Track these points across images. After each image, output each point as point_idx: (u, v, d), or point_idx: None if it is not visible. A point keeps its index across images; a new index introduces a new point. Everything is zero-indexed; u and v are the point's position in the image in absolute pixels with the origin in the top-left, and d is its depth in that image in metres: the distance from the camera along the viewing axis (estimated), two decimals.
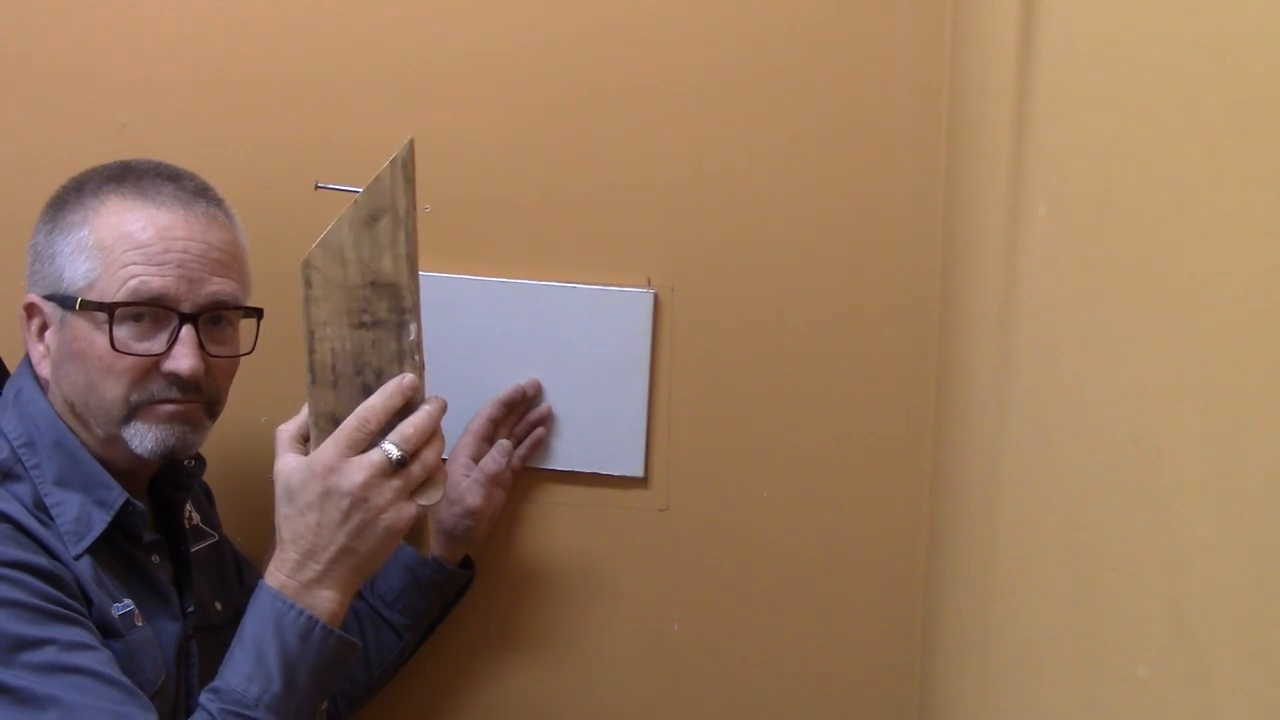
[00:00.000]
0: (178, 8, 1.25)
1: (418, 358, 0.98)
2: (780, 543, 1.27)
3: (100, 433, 1.01)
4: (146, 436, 1.00)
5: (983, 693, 0.92)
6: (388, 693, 1.26)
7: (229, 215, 1.07)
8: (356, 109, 1.24)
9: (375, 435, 0.96)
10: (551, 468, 1.27)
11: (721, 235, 1.23)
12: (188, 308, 1.01)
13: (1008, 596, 0.84)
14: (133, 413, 1.00)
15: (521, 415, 1.26)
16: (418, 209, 0.97)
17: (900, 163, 1.21)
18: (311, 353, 0.98)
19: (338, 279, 0.97)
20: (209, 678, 0.97)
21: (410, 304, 0.97)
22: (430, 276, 0.98)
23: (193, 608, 1.07)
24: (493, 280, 1.24)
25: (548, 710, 1.31)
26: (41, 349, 1.02)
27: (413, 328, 0.97)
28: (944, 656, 1.12)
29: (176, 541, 1.09)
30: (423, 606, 1.21)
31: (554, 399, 1.26)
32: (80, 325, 0.99)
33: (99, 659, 0.89)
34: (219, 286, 1.02)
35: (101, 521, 0.98)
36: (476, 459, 1.22)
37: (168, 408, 1.01)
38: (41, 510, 0.97)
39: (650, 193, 1.23)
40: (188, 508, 1.12)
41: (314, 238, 0.97)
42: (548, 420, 1.26)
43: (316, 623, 0.95)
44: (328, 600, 0.96)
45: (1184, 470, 0.51)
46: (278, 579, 0.96)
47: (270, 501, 0.98)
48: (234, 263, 1.05)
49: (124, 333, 0.99)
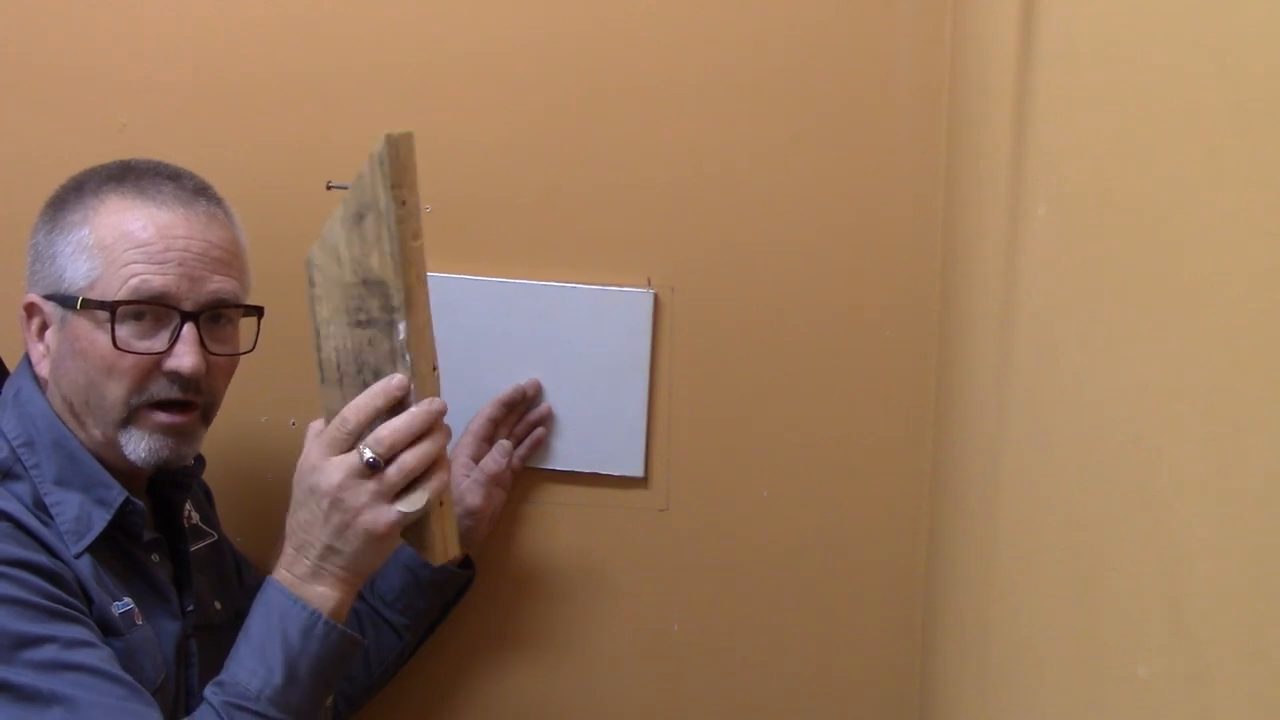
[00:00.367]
0: (178, 8, 1.25)
1: (409, 358, 0.95)
2: (780, 543, 1.27)
3: (99, 433, 1.01)
4: (140, 445, 1.00)
5: (983, 693, 0.92)
6: (388, 693, 1.26)
7: (229, 214, 1.07)
8: (356, 109, 1.24)
9: (355, 436, 0.95)
10: (551, 468, 1.27)
11: (721, 235, 1.23)
12: (189, 306, 1.01)
13: (1008, 596, 0.84)
14: (131, 416, 1.00)
15: (521, 415, 1.26)
16: (409, 206, 0.94)
17: (900, 163, 1.21)
18: (319, 350, 0.98)
19: (335, 277, 0.96)
20: (208, 677, 0.97)
21: (398, 302, 0.94)
22: (430, 276, 0.97)
23: (192, 607, 1.07)
24: (493, 280, 1.24)
25: (548, 710, 1.31)
26: (41, 349, 1.02)
27: (402, 327, 0.95)
28: (944, 656, 1.12)
29: (176, 541, 1.09)
30: (423, 606, 1.21)
31: (554, 399, 1.26)
32: (81, 324, 0.99)
33: (100, 656, 0.89)
34: (220, 285, 1.02)
35: (101, 520, 0.98)
36: (477, 459, 1.22)
37: (164, 417, 1.01)
38: (41, 509, 0.97)
39: (650, 193, 1.23)
40: (187, 507, 1.12)
41: (314, 237, 0.98)
42: (548, 420, 1.26)
43: (319, 617, 0.95)
44: (324, 596, 0.96)
45: (1184, 470, 0.51)
46: (280, 573, 0.98)
47: (269, 501, 0.98)
48: (234, 261, 1.05)
49: (125, 332, 0.99)
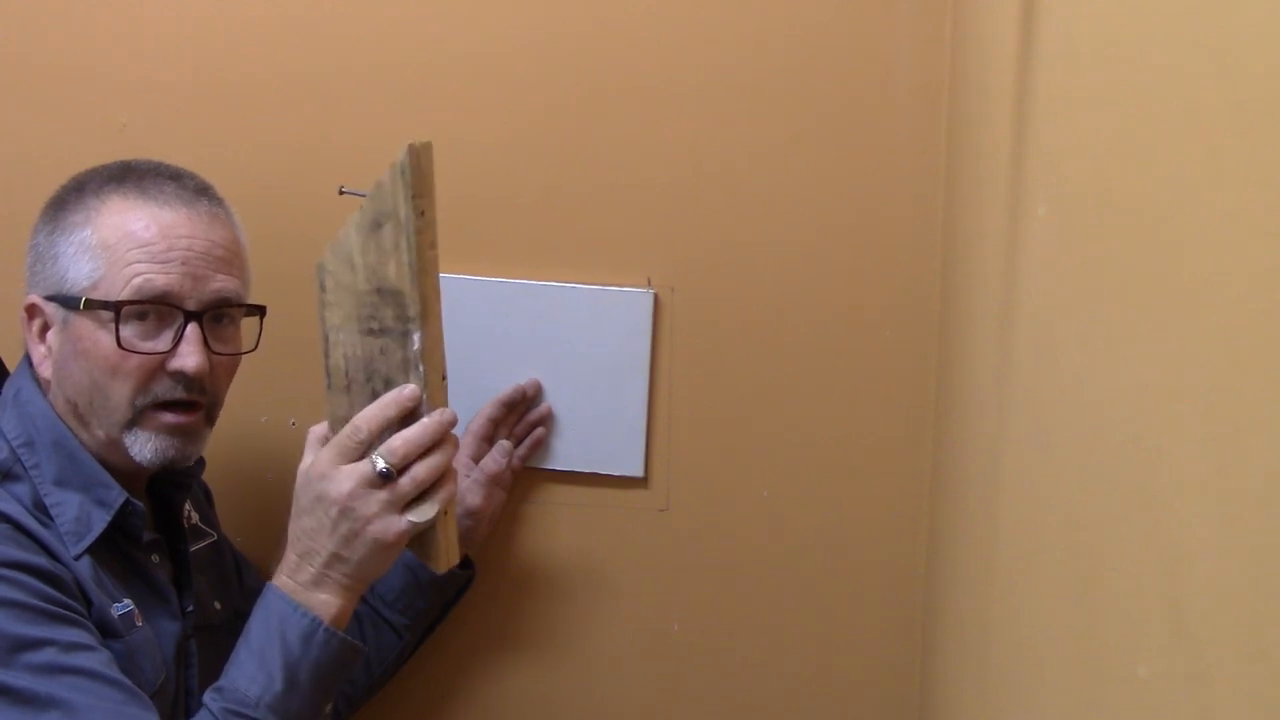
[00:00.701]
0: (178, 8, 1.25)
1: (422, 368, 0.96)
2: (780, 543, 1.27)
3: (102, 435, 1.01)
4: (146, 446, 1.00)
5: (983, 693, 0.92)
6: (388, 693, 1.26)
7: (229, 214, 1.07)
8: (356, 109, 1.24)
9: (366, 445, 0.95)
10: (551, 468, 1.27)
11: (721, 235, 1.23)
12: (192, 305, 1.01)
13: (1008, 596, 0.84)
14: (137, 417, 1.00)
15: (521, 415, 1.26)
16: (427, 216, 0.95)
17: (900, 163, 1.21)
18: (327, 356, 0.97)
19: (348, 284, 0.95)
20: (208, 677, 0.97)
21: (414, 313, 0.95)
22: None
23: (192, 607, 1.07)
24: (493, 280, 1.24)
25: (548, 710, 1.31)
26: (43, 350, 1.02)
27: (416, 337, 0.96)
28: (944, 656, 1.12)
29: (176, 541, 1.09)
30: (423, 606, 1.21)
31: (554, 399, 1.26)
32: (84, 325, 0.99)
33: (99, 659, 0.89)
34: (223, 284, 1.02)
35: (101, 521, 0.98)
36: (477, 459, 1.22)
37: (169, 418, 1.01)
38: (41, 510, 0.97)
39: (650, 193, 1.23)
40: (187, 507, 1.12)
41: (314, 238, 0.98)
42: (548, 420, 1.26)
43: (320, 624, 0.95)
44: (326, 604, 0.96)
45: (1184, 470, 0.51)
46: (282, 579, 0.97)
47: (269, 501, 0.98)
48: (236, 260, 1.05)
49: (128, 332, 0.99)
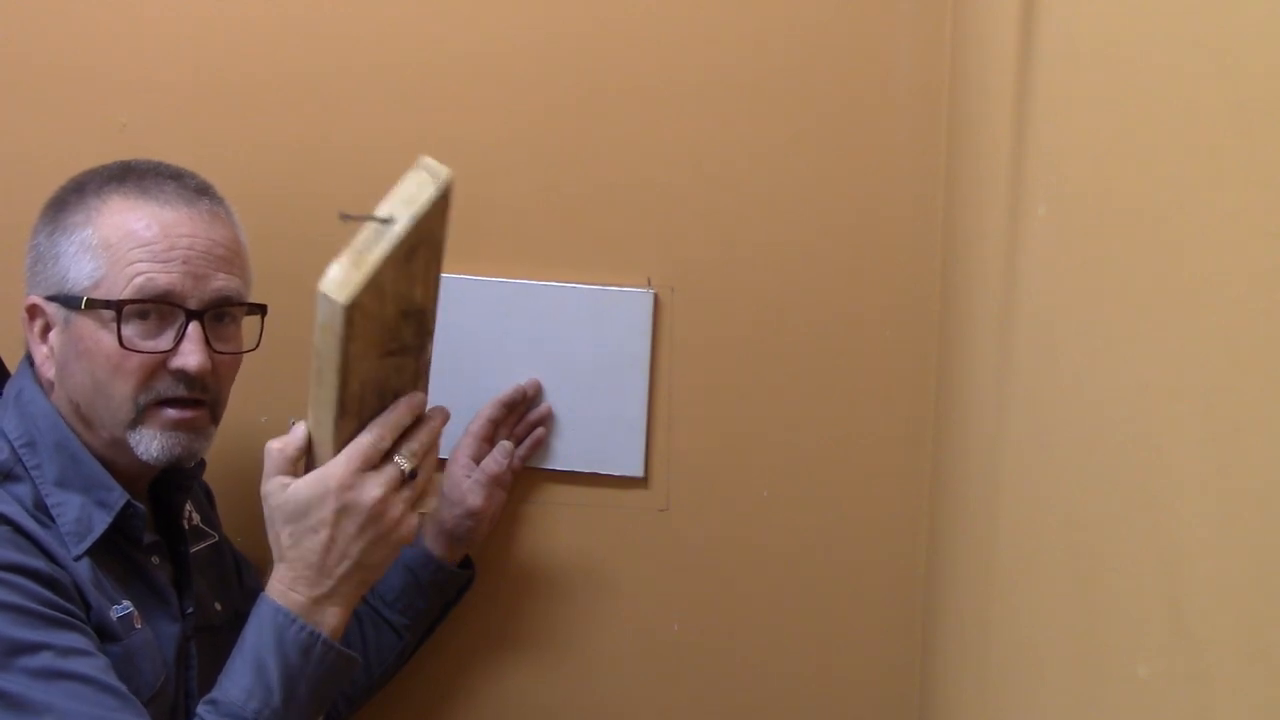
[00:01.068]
0: (178, 8, 1.25)
1: (428, 374, 0.98)
2: (780, 543, 1.26)
3: (106, 435, 1.01)
4: (152, 443, 1.00)
5: (983, 693, 0.92)
6: (388, 692, 1.26)
7: (230, 213, 1.07)
8: (356, 109, 1.24)
9: (384, 451, 0.96)
10: (551, 468, 1.27)
11: (721, 235, 1.23)
12: (194, 304, 1.01)
13: (1008, 596, 0.84)
14: (140, 415, 1.00)
15: (521, 415, 1.26)
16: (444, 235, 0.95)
17: (900, 163, 1.21)
18: (343, 387, 0.92)
19: (377, 314, 0.91)
20: (208, 679, 0.97)
21: (431, 326, 0.96)
22: None
23: (192, 609, 1.07)
24: (493, 280, 1.24)
25: (548, 710, 1.31)
26: (45, 350, 1.02)
27: (429, 347, 0.97)
28: (944, 656, 1.12)
29: (176, 542, 1.09)
30: (423, 606, 1.21)
31: (554, 399, 1.26)
32: (86, 325, 0.99)
33: (95, 665, 0.89)
34: (224, 283, 1.02)
35: (102, 522, 0.98)
36: (477, 459, 1.22)
37: (173, 414, 1.01)
38: (42, 511, 0.97)
39: (650, 193, 1.23)
40: (188, 508, 1.12)
41: (314, 238, 0.96)
42: (548, 420, 1.26)
43: (319, 638, 0.94)
44: (333, 616, 0.96)
45: (1184, 470, 0.51)
46: (282, 593, 0.95)
47: None
48: (237, 259, 1.05)
49: (130, 331, 0.99)
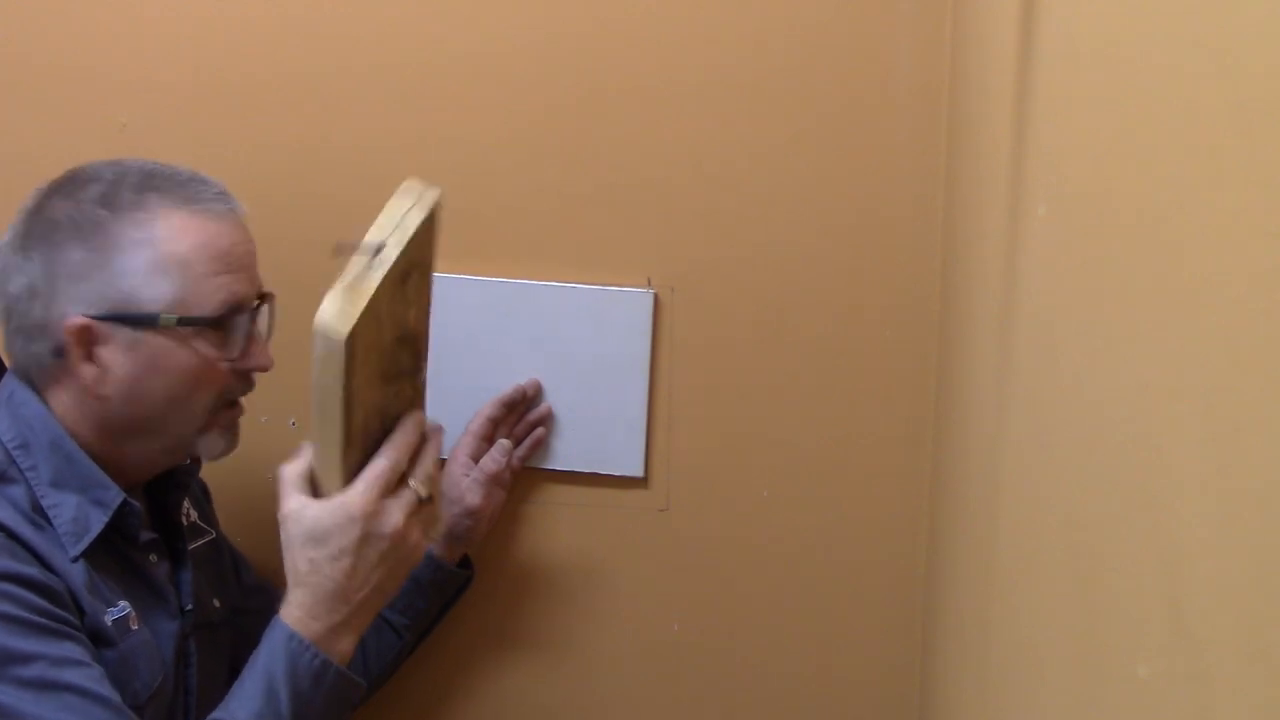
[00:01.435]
0: (178, 8, 1.25)
1: (425, 394, 0.99)
2: (780, 543, 1.27)
3: (157, 445, 1.02)
4: (218, 443, 1.04)
5: (983, 693, 0.92)
6: (387, 692, 1.26)
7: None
8: (356, 109, 1.24)
9: (400, 475, 0.96)
10: (551, 468, 1.27)
11: (721, 235, 1.23)
12: (251, 306, 1.04)
13: (1008, 596, 0.84)
14: (210, 421, 1.02)
15: (521, 415, 1.26)
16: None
17: (900, 163, 1.21)
18: (348, 420, 0.90)
19: (375, 342, 0.90)
20: (207, 676, 0.97)
21: (424, 348, 0.96)
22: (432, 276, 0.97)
23: (191, 605, 1.06)
24: (493, 280, 1.24)
25: (547, 710, 1.31)
26: (93, 371, 0.97)
27: (425, 368, 0.97)
28: (944, 656, 1.12)
29: (173, 539, 1.09)
30: (422, 606, 1.21)
31: (554, 399, 1.26)
32: (160, 342, 0.98)
33: (89, 676, 0.89)
34: (259, 282, 1.06)
35: (99, 521, 0.97)
36: (476, 458, 1.22)
37: (234, 413, 1.05)
38: (38, 512, 0.96)
39: (650, 193, 1.23)
40: (185, 504, 1.11)
41: (314, 238, 0.96)
42: (548, 420, 1.26)
43: (331, 666, 0.94)
44: (347, 644, 0.96)
45: (1184, 470, 0.51)
46: (299, 620, 0.94)
47: (268, 501, 0.97)
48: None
49: (211, 342, 1.00)
